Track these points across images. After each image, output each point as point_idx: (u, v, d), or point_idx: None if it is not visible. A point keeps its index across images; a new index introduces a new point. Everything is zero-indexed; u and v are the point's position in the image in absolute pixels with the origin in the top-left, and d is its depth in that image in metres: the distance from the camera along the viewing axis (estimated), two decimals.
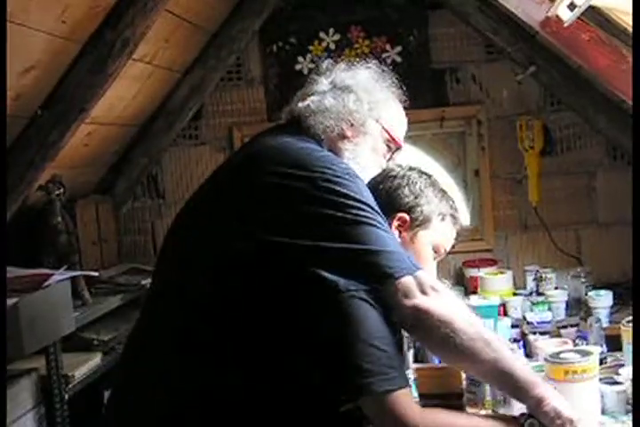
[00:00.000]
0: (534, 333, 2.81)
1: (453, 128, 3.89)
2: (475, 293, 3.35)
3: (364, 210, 1.53)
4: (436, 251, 1.85)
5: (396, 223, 1.78)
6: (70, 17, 2.48)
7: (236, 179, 1.64)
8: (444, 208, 1.84)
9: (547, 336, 2.74)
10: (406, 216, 1.79)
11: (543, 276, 3.43)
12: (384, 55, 3.81)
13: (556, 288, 3.37)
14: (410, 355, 2.36)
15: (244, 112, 3.93)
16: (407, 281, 1.52)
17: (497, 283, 3.39)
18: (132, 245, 3.94)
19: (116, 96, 3.22)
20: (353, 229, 1.51)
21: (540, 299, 3.20)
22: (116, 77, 2.82)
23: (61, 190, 3.06)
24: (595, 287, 3.17)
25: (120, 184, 3.92)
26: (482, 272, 3.46)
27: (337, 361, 1.48)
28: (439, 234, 1.84)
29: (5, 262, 2.27)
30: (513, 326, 2.85)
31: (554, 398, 1.52)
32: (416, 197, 1.80)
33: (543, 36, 2.92)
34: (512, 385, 1.53)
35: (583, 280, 3.31)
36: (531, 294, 3.39)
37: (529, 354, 2.53)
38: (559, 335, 2.72)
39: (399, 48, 3.82)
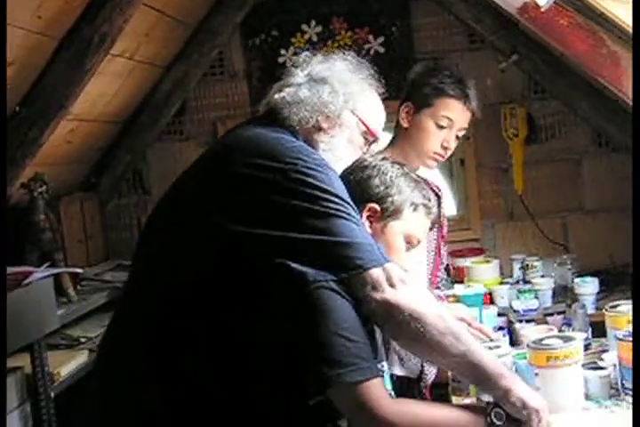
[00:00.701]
0: (520, 321, 2.83)
1: None
2: (462, 282, 3.35)
3: (333, 202, 1.53)
4: (408, 242, 1.82)
5: (366, 214, 1.76)
6: (46, 12, 2.46)
7: (209, 170, 1.65)
8: (416, 198, 1.81)
9: (533, 324, 2.75)
10: (377, 206, 1.77)
11: (529, 264, 3.44)
12: (367, 46, 3.81)
13: (543, 276, 3.38)
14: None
15: (227, 106, 3.92)
16: (375, 273, 1.52)
17: (484, 272, 3.40)
18: (118, 242, 3.92)
19: (98, 92, 3.21)
20: (322, 221, 1.51)
21: (527, 287, 3.21)
22: (94, 73, 2.81)
23: (44, 188, 3.03)
24: (581, 274, 3.18)
25: (105, 181, 3.90)
26: (468, 261, 3.46)
27: (306, 352, 1.49)
28: (411, 224, 1.81)
29: (5, 263, 2.26)
30: (499, 315, 2.84)
31: (521, 388, 1.54)
32: (387, 188, 1.78)
33: (525, 23, 2.92)
34: (480, 377, 1.55)
35: (569, 267, 3.32)
36: (517, 282, 3.40)
37: (515, 342, 2.53)
38: (546, 323, 2.73)
39: (382, 39, 3.81)
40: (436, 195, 2.50)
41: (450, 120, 2.42)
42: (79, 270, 2.97)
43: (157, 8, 3.19)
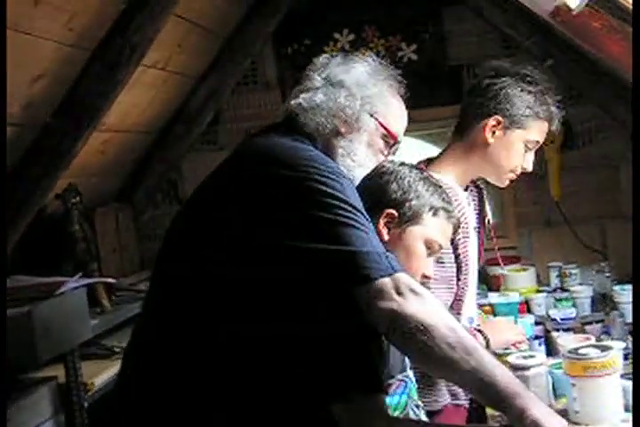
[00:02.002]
0: (558, 329, 2.77)
1: None
2: (498, 290, 3.31)
3: (345, 209, 1.50)
4: (429, 247, 1.78)
5: (383, 220, 1.73)
6: (77, 24, 2.48)
7: (223, 179, 1.65)
8: (436, 202, 1.77)
9: (571, 333, 2.70)
10: (394, 212, 1.74)
11: (567, 272, 3.38)
12: (400, 54, 3.80)
13: (581, 284, 3.32)
14: None
15: (261, 116, 3.92)
16: (382, 283, 1.47)
17: (520, 280, 3.35)
18: (152, 253, 3.91)
19: (131, 103, 3.23)
20: (331, 230, 1.48)
21: (564, 295, 3.15)
22: (126, 84, 2.82)
23: (78, 199, 3.06)
24: (620, 282, 3.11)
25: (140, 191, 3.92)
26: (504, 270, 3.41)
27: (313, 368, 1.48)
28: (431, 229, 1.77)
29: (6, 263, 2.27)
30: (536, 324, 2.81)
31: (537, 409, 1.42)
32: (404, 193, 1.75)
33: (558, 27, 2.88)
34: (492, 396, 1.44)
35: (608, 275, 3.26)
36: (555, 290, 3.35)
37: (551, 351, 2.49)
38: (584, 332, 2.67)
39: (414, 46, 3.80)
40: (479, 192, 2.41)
41: (538, 143, 2.27)
42: (112, 280, 2.99)
43: (189, 19, 3.20)
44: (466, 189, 2.28)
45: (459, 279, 2.17)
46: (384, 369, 1.57)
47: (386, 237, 1.69)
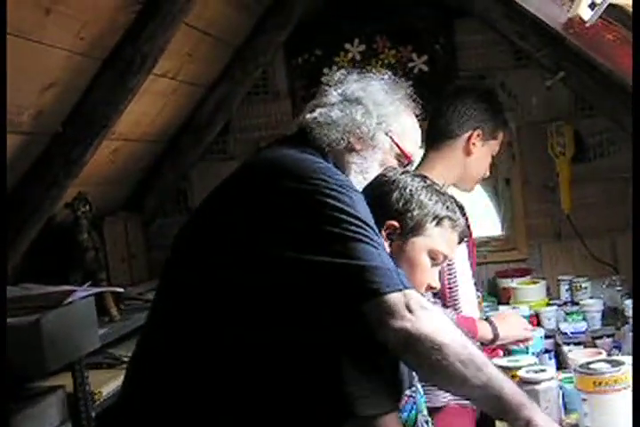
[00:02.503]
0: (568, 343, 2.75)
1: None
2: (508, 303, 3.29)
3: (354, 224, 1.49)
4: (433, 258, 1.73)
5: (384, 232, 1.68)
6: (88, 33, 2.48)
7: (232, 189, 1.64)
8: (439, 211, 1.71)
9: (581, 347, 2.68)
10: (396, 224, 1.69)
11: (577, 285, 3.36)
12: (410, 65, 3.79)
13: (591, 298, 3.30)
14: None
15: (271, 125, 3.92)
16: (393, 298, 1.45)
17: (530, 293, 3.33)
18: (161, 262, 3.91)
19: (142, 112, 3.23)
20: (340, 244, 1.47)
21: (575, 309, 3.14)
22: (137, 93, 2.82)
23: (87, 207, 3.06)
24: (631, 296, 3.09)
25: (149, 200, 3.92)
26: (515, 282, 3.39)
27: (321, 385, 1.46)
28: (435, 239, 1.72)
29: (6, 266, 2.27)
30: (546, 337, 2.79)
31: (541, 419, 1.49)
32: (406, 203, 1.69)
33: (571, 39, 2.87)
34: (501, 407, 1.50)
35: (619, 289, 3.23)
36: (565, 303, 3.32)
37: (562, 366, 2.47)
38: (594, 346, 2.65)
39: (425, 57, 3.78)
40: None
41: (500, 150, 2.61)
42: (120, 290, 2.98)
43: (200, 28, 3.20)
44: None
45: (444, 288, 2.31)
46: (399, 386, 1.55)
47: (388, 250, 1.66)
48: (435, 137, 2.49)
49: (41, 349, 2.25)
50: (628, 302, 2.93)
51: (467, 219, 2.48)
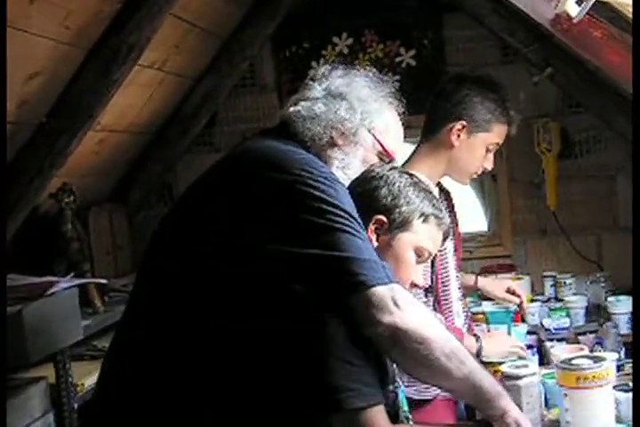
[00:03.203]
0: (551, 339, 2.76)
1: None
2: (491, 299, 3.28)
3: (339, 215, 1.49)
4: (419, 254, 1.73)
5: (372, 227, 1.69)
6: (74, 22, 2.46)
7: (214, 180, 1.64)
8: (426, 208, 1.72)
9: (564, 343, 2.69)
10: (384, 218, 1.69)
11: (562, 281, 3.37)
12: (398, 59, 3.78)
13: (575, 294, 3.31)
14: None
15: (258, 118, 3.91)
16: (380, 291, 1.46)
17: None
18: None
19: (127, 103, 3.21)
20: (326, 236, 1.47)
21: (559, 305, 3.14)
22: (123, 83, 2.81)
23: (72, 198, 3.04)
24: (615, 293, 3.10)
25: (134, 192, 3.90)
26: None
27: (307, 376, 1.46)
28: (421, 236, 1.72)
29: (5, 265, 2.26)
30: (530, 333, 2.80)
31: (515, 409, 1.56)
32: (394, 198, 1.69)
33: (559, 36, 2.87)
34: (480, 397, 1.55)
35: (603, 286, 3.25)
36: (549, 300, 3.33)
37: (545, 361, 2.47)
38: (577, 342, 2.66)
39: (413, 52, 3.77)
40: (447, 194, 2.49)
41: (498, 145, 2.43)
42: (104, 281, 2.97)
43: (187, 19, 3.18)
44: None
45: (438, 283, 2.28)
46: (385, 379, 1.55)
47: (374, 244, 1.66)
48: (424, 128, 2.44)
49: (23, 340, 2.24)
50: (612, 299, 2.95)
51: (453, 206, 2.50)
